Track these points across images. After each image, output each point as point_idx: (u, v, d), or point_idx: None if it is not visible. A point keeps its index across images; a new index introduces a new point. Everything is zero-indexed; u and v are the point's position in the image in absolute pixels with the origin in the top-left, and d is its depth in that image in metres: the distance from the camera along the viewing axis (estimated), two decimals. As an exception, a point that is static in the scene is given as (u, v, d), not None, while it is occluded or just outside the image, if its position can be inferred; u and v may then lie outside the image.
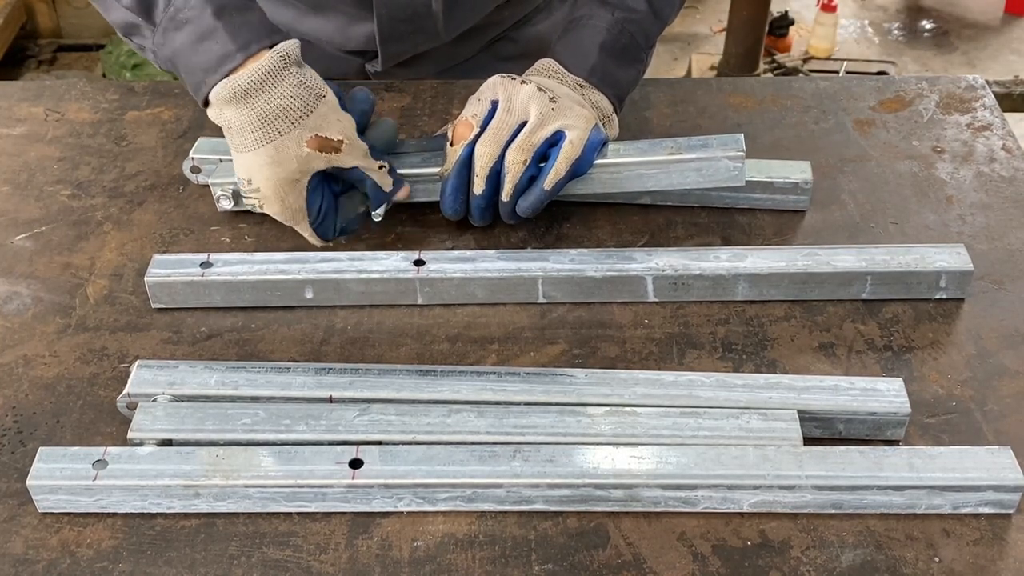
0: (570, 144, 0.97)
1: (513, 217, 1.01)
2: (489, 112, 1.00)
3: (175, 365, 0.88)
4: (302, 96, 0.92)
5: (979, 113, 1.21)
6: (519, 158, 0.98)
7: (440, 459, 0.80)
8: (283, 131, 0.92)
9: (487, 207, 1.01)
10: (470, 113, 1.01)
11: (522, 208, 1.00)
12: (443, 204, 1.02)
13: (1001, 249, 1.03)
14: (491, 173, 0.99)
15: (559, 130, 0.98)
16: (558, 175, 0.98)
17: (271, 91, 0.91)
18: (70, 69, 3.56)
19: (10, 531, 0.80)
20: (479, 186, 0.99)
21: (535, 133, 0.98)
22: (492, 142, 0.98)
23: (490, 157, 0.98)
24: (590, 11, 1.07)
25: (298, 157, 0.93)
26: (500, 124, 0.99)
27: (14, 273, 1.02)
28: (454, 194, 1.00)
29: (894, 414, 0.84)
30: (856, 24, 3.92)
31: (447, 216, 1.02)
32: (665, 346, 0.94)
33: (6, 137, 1.20)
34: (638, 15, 1.06)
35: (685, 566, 0.77)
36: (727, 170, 1.00)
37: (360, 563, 0.77)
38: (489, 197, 1.00)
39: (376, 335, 0.96)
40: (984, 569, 0.77)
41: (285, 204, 0.95)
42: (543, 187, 0.98)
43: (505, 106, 0.99)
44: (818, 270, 0.97)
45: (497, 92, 1.01)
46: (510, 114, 0.99)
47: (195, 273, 0.97)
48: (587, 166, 0.99)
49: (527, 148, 0.98)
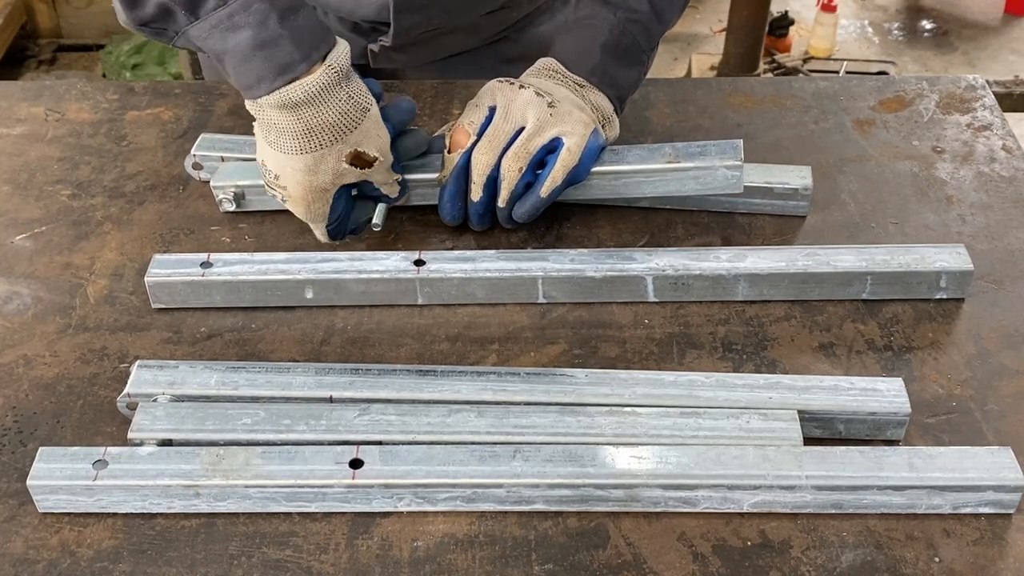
0: (567, 152, 0.98)
1: (510, 222, 1.02)
2: (486, 119, 1.00)
3: (175, 365, 0.88)
4: (349, 112, 0.93)
5: (979, 113, 1.21)
6: (515, 165, 0.98)
7: (440, 459, 0.80)
8: (325, 144, 0.92)
9: (485, 213, 1.02)
10: (467, 120, 1.01)
11: (518, 214, 1.01)
12: (441, 211, 1.02)
13: (1001, 249, 1.03)
14: (488, 180, 0.99)
15: (557, 137, 0.98)
16: (554, 183, 0.98)
17: (320, 106, 0.91)
18: (70, 69, 3.56)
19: (10, 531, 0.80)
20: (476, 193, 1.00)
21: (531, 140, 0.98)
22: (488, 150, 0.99)
23: (487, 165, 0.99)
24: (592, 11, 1.07)
25: (334, 171, 0.94)
26: (496, 131, 0.99)
27: (14, 273, 1.02)
28: (452, 201, 1.01)
29: (894, 414, 0.84)
30: (856, 24, 3.91)
31: (446, 222, 1.03)
32: (665, 346, 0.94)
33: (6, 137, 1.19)
34: (640, 16, 1.06)
35: (685, 566, 0.77)
36: (725, 179, 1.01)
37: (360, 563, 0.77)
38: (487, 204, 1.01)
39: (376, 335, 0.96)
40: (984, 569, 0.77)
41: (311, 209, 0.96)
42: (539, 194, 0.99)
43: (502, 113, 1.00)
44: (818, 270, 0.96)
45: (495, 98, 1.01)
46: (507, 121, 0.99)
47: (195, 273, 0.97)
48: (585, 173, 1.00)
49: (523, 156, 0.98)
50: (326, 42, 0.92)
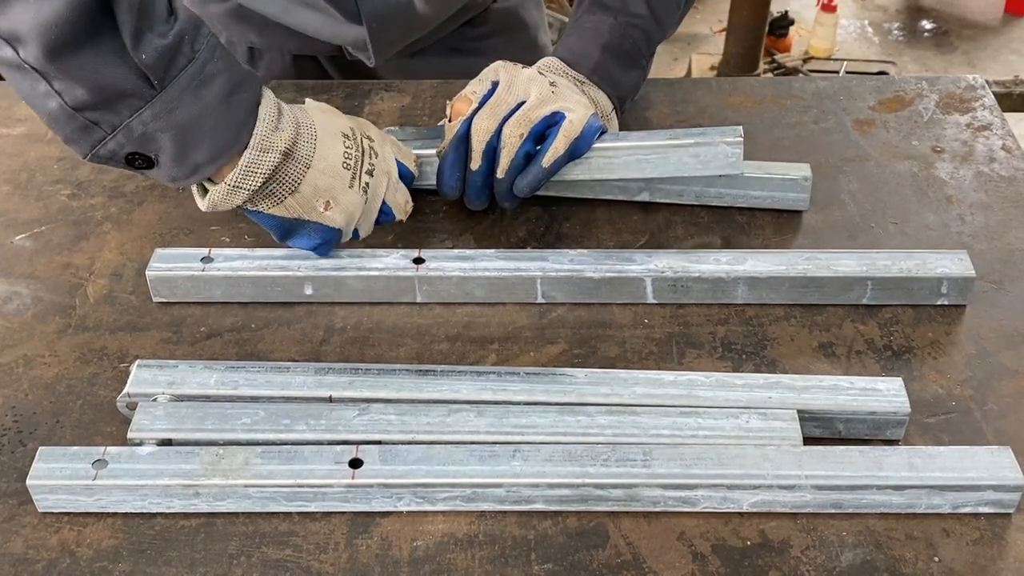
0: (570, 123, 0.97)
1: (509, 196, 1.00)
2: (489, 90, 1.01)
3: (175, 365, 0.88)
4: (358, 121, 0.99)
5: (979, 113, 1.21)
6: (516, 131, 0.97)
7: (440, 459, 0.80)
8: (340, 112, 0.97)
9: (484, 185, 1.00)
10: (470, 91, 1.01)
11: (519, 187, 0.99)
12: (440, 181, 1.01)
13: (1001, 249, 1.03)
14: (488, 148, 0.98)
15: (558, 111, 0.98)
16: (556, 152, 0.97)
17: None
18: (70, 69, 3.55)
19: (10, 531, 0.80)
20: (476, 161, 0.99)
21: (534, 110, 0.98)
22: (490, 116, 0.98)
23: (487, 131, 0.98)
24: (592, 14, 1.07)
25: (354, 123, 0.97)
26: (499, 100, 0.99)
27: (14, 273, 1.02)
28: (451, 170, 1.00)
29: (894, 414, 0.84)
30: (856, 24, 3.92)
31: (444, 194, 1.01)
32: (665, 346, 0.94)
33: (6, 137, 1.20)
34: (640, 21, 1.07)
35: (685, 566, 0.77)
36: (725, 156, 1.00)
37: (360, 563, 0.77)
38: (486, 174, 1.00)
39: (376, 335, 0.96)
40: (984, 569, 0.77)
41: (370, 174, 0.96)
42: (542, 164, 0.97)
43: (506, 85, 1.00)
44: (818, 274, 0.96)
45: (499, 74, 1.02)
46: (510, 92, 0.99)
47: (196, 268, 0.97)
48: (585, 147, 0.99)
49: (525, 123, 0.97)
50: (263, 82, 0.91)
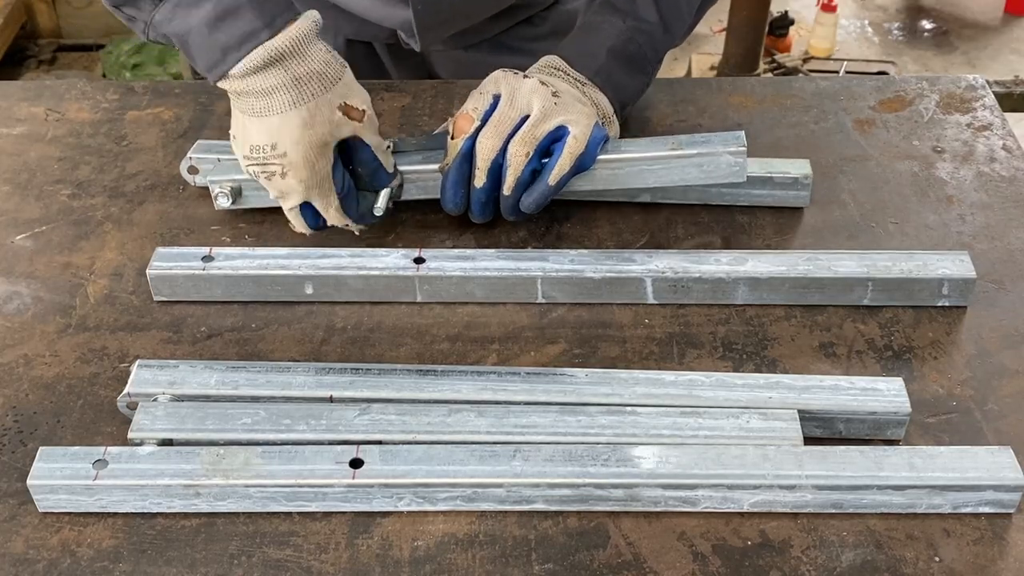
0: (574, 139, 0.97)
1: (514, 213, 1.00)
2: (491, 106, 1.00)
3: (175, 365, 0.88)
4: (332, 63, 0.93)
5: (979, 113, 1.21)
6: (522, 150, 0.97)
7: (440, 459, 0.80)
8: (317, 93, 0.92)
9: (488, 201, 1.00)
10: (471, 107, 1.01)
11: (526, 204, 0.99)
12: (443, 198, 1.01)
13: (1001, 249, 1.03)
14: (493, 166, 0.98)
15: (562, 125, 0.98)
16: (563, 170, 0.97)
17: (305, 55, 0.91)
18: (70, 69, 3.56)
19: (10, 531, 0.80)
20: (480, 179, 0.99)
21: (538, 126, 0.97)
22: (494, 134, 0.98)
23: (492, 149, 0.98)
24: (602, 17, 1.07)
25: (330, 121, 0.93)
26: (502, 117, 0.98)
27: (14, 273, 1.02)
28: (454, 188, 1.00)
29: (894, 414, 0.84)
30: (856, 24, 3.92)
31: (447, 211, 1.02)
32: (665, 346, 0.94)
33: (6, 137, 1.19)
34: (649, 27, 1.06)
35: (685, 566, 0.77)
36: (728, 166, 1.00)
37: (360, 563, 0.77)
38: (490, 191, 1.00)
39: (376, 335, 0.96)
40: (984, 569, 0.77)
41: (314, 170, 0.94)
42: (548, 182, 0.97)
43: (508, 99, 0.99)
44: (819, 275, 0.96)
45: (499, 86, 1.01)
46: (512, 107, 0.99)
47: (197, 267, 0.97)
48: (591, 161, 0.99)
49: (530, 140, 0.97)
50: (290, 11, 0.92)
